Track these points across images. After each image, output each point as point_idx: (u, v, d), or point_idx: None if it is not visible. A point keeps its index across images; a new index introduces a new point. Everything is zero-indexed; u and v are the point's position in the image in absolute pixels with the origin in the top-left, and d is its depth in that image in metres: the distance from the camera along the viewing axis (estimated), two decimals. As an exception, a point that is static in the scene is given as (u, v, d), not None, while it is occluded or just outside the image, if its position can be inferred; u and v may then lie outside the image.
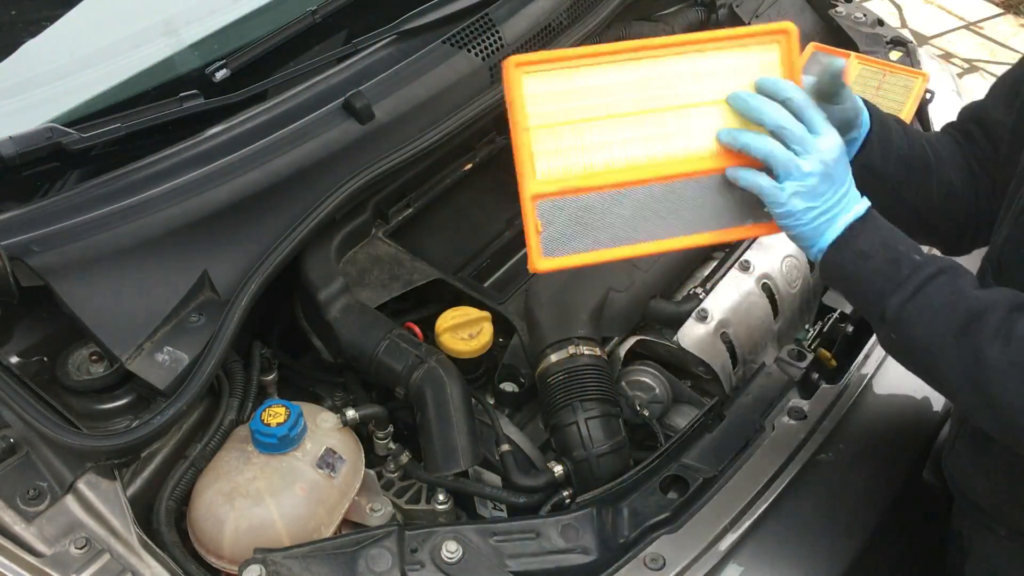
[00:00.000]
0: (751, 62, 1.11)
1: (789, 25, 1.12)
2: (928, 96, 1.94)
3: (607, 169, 1.08)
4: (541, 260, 1.08)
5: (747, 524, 1.27)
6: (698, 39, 1.09)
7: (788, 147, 1.06)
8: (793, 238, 1.09)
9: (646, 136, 1.09)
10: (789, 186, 1.05)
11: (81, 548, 1.14)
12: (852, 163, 1.12)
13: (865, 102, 1.22)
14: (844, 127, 1.17)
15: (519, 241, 1.68)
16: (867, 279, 1.06)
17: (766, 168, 1.07)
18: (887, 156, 1.22)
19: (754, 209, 1.11)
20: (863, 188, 1.11)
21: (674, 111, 1.09)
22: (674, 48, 1.09)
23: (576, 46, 1.36)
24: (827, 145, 1.06)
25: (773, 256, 1.58)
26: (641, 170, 1.09)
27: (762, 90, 1.08)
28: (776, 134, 1.06)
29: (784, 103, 1.07)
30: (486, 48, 1.63)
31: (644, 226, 1.10)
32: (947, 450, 1.33)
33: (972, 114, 1.31)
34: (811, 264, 1.65)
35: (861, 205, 1.07)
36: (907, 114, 1.83)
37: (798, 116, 1.07)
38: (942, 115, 1.96)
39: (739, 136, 1.07)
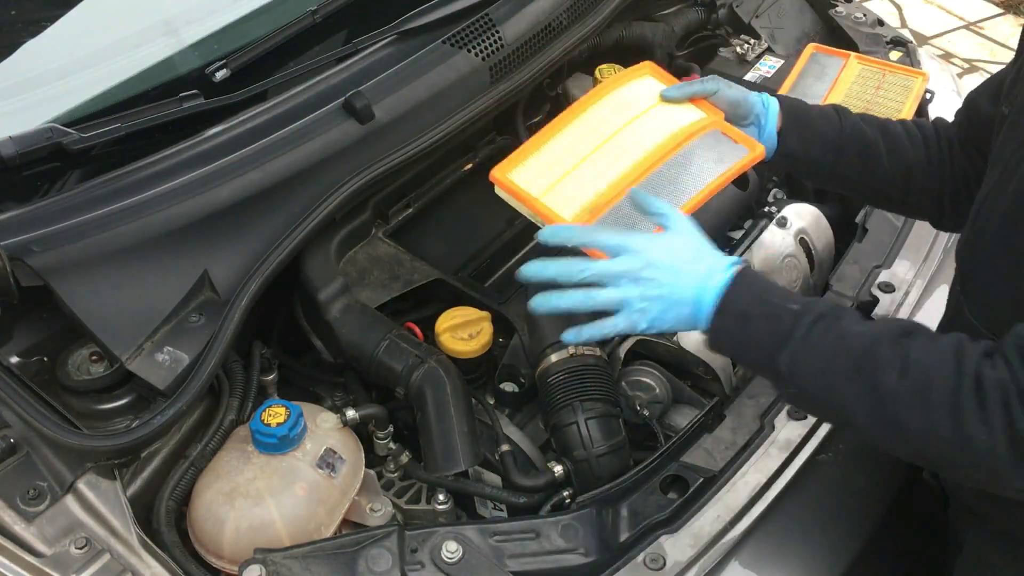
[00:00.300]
0: (638, 83, 1.43)
1: (645, 63, 1.45)
2: (928, 96, 1.94)
3: (609, 186, 1.27)
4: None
5: (747, 524, 1.27)
6: (603, 88, 1.42)
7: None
8: (674, 330, 1.13)
9: (618, 154, 1.31)
10: (631, 312, 1.09)
11: (81, 548, 1.14)
12: (775, 153, 1.36)
13: (788, 102, 1.38)
14: (735, 119, 1.36)
15: (519, 241, 1.69)
16: (753, 342, 1.07)
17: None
18: (807, 143, 1.36)
19: (722, 157, 1.32)
20: (796, 172, 1.24)
21: (625, 129, 1.35)
22: (593, 100, 1.39)
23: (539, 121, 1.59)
24: (639, 259, 1.10)
25: (772, 256, 1.58)
26: (629, 174, 1.28)
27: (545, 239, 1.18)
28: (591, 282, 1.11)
29: (586, 245, 1.15)
30: (486, 48, 1.63)
31: (673, 197, 1.27)
32: None
33: (966, 101, 1.37)
34: (811, 263, 1.65)
35: (723, 273, 1.08)
36: (907, 114, 1.84)
37: (607, 250, 1.12)
38: (942, 115, 1.96)
39: (581, 332, 1.14)
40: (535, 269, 1.13)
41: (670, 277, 1.09)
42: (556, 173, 1.30)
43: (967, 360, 0.98)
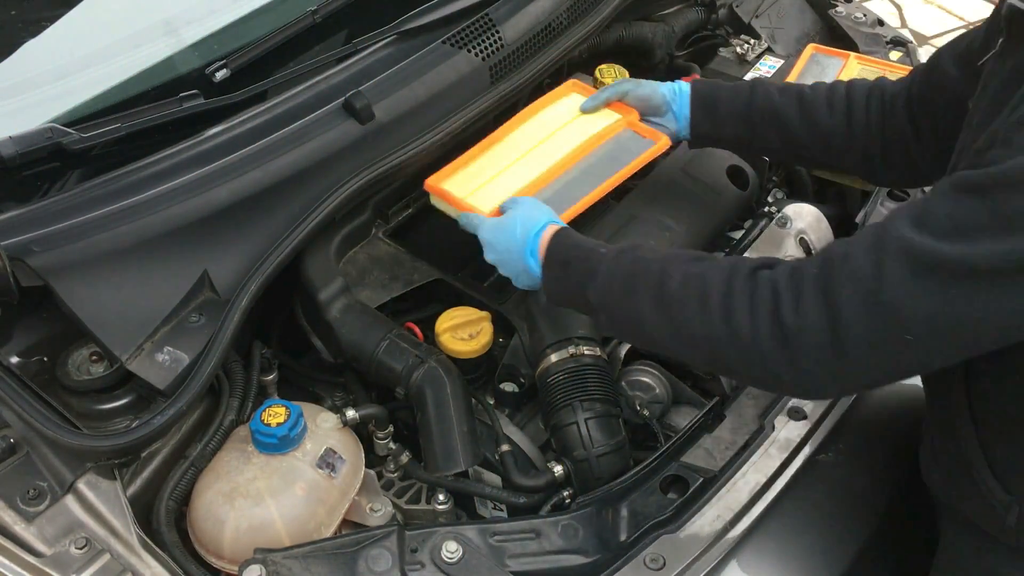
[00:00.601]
0: (564, 100, 1.66)
1: (570, 80, 1.69)
2: (928, 96, 1.94)
3: (525, 186, 1.47)
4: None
5: (747, 524, 1.27)
6: (532, 107, 1.63)
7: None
8: (517, 277, 1.33)
9: (537, 161, 1.53)
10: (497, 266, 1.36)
11: (81, 548, 1.14)
12: (691, 136, 1.55)
13: (698, 86, 1.53)
14: (651, 112, 1.57)
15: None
16: (572, 282, 1.23)
17: None
18: (718, 122, 1.52)
19: (628, 152, 1.53)
20: (721, 147, 1.57)
21: (547, 140, 1.57)
22: (522, 119, 1.61)
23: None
24: (485, 230, 1.36)
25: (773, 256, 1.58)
26: (545, 176, 1.49)
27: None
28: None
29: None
30: (486, 48, 1.63)
31: (579, 189, 1.48)
32: (921, 449, 1.34)
33: (931, 58, 1.40)
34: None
35: (537, 234, 1.29)
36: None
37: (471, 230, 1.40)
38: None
39: None
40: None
41: (502, 247, 1.32)
42: (482, 179, 1.49)
43: (743, 265, 1.10)
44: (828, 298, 1.01)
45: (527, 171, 1.51)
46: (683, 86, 1.53)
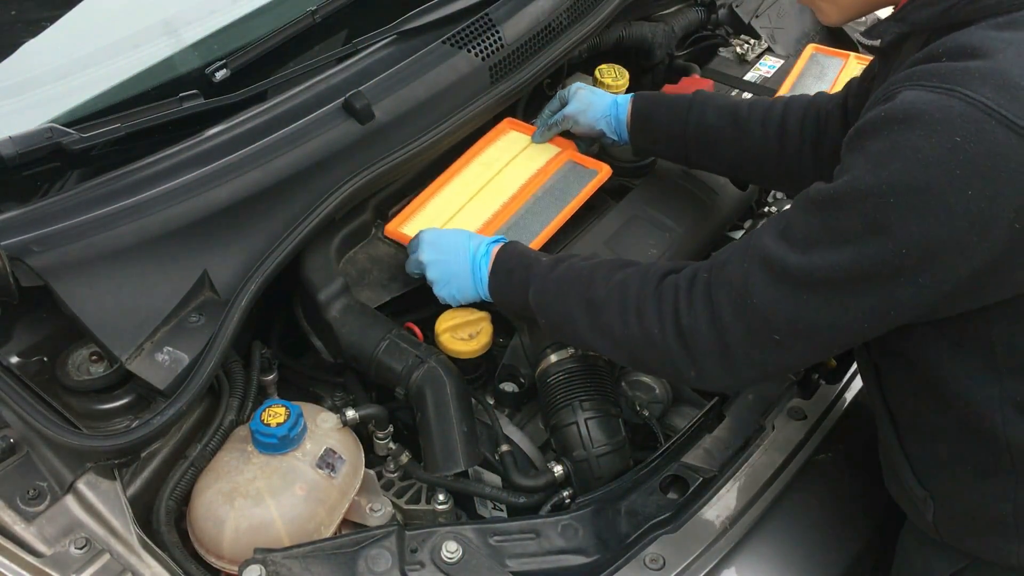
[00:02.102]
0: (503, 138, 1.73)
1: (505, 120, 1.75)
2: (928, 96, 1.94)
3: (482, 226, 1.55)
4: None
5: (747, 524, 1.27)
6: (475, 148, 1.70)
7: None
8: (461, 297, 1.41)
9: (489, 200, 1.61)
10: (438, 287, 1.43)
11: (81, 548, 1.14)
12: (632, 151, 1.66)
13: (637, 103, 1.60)
14: (596, 135, 1.66)
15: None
16: (514, 288, 1.34)
17: None
18: (653, 139, 1.60)
19: (574, 184, 1.62)
20: (667, 157, 1.62)
21: (494, 179, 1.64)
22: (467, 160, 1.67)
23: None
24: (423, 250, 1.43)
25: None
26: (499, 214, 1.58)
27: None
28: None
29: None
30: (486, 48, 1.63)
31: (535, 224, 1.55)
32: None
33: (867, 68, 1.42)
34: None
35: (492, 246, 1.39)
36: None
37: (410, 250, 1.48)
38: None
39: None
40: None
41: (450, 257, 1.40)
42: (439, 221, 1.57)
43: (654, 272, 1.20)
44: (711, 301, 1.11)
45: (482, 210, 1.59)
46: (624, 104, 1.61)
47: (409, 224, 1.58)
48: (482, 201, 1.61)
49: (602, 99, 1.63)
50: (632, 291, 1.19)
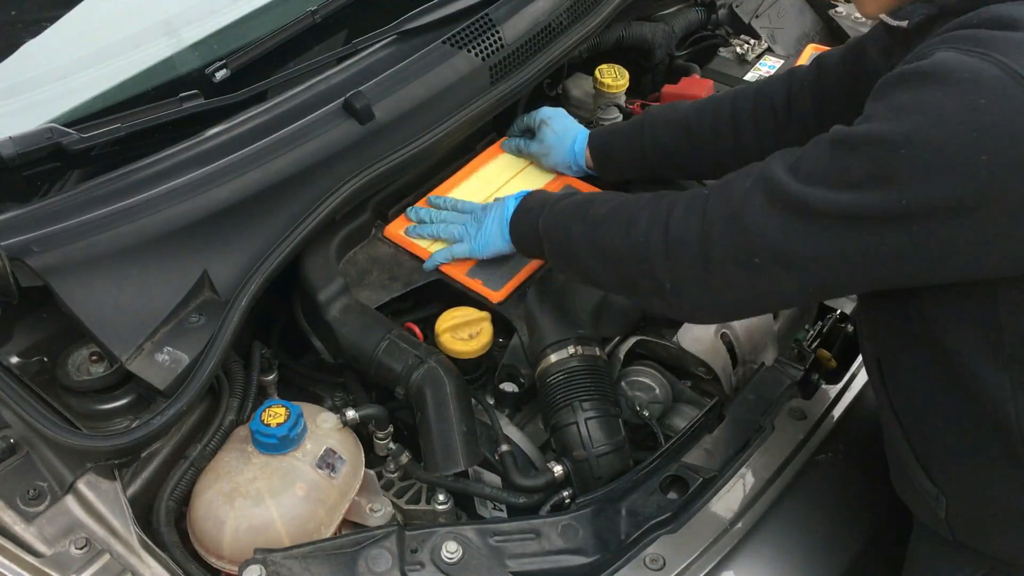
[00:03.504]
0: (498, 159, 1.78)
1: (499, 142, 1.80)
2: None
3: None
4: (497, 295, 1.50)
5: (747, 524, 1.27)
6: (470, 166, 1.74)
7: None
8: (487, 251, 1.50)
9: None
10: (465, 241, 1.52)
11: (81, 548, 1.14)
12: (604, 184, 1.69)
13: (593, 141, 1.66)
14: (563, 168, 1.71)
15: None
16: (529, 221, 1.40)
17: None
18: (619, 169, 1.66)
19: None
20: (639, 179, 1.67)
21: (505, 185, 1.70)
22: (463, 176, 1.72)
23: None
24: (462, 205, 1.58)
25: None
26: None
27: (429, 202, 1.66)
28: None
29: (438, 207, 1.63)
30: (486, 48, 1.63)
31: None
32: None
33: (848, 46, 1.46)
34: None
35: (514, 197, 1.47)
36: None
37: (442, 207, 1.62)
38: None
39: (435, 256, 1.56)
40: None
41: (488, 212, 1.50)
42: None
43: (662, 192, 1.23)
44: (705, 215, 1.12)
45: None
46: (582, 143, 1.67)
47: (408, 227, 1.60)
48: None
49: (562, 142, 1.68)
50: (630, 203, 1.24)
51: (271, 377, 1.46)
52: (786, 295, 1.16)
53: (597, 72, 1.88)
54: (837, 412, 1.43)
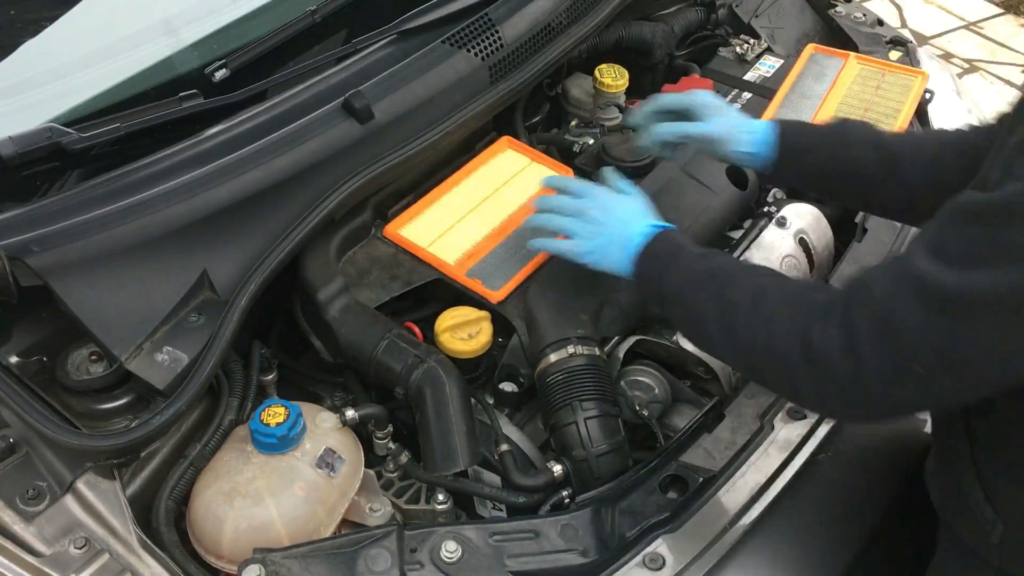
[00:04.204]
0: (501, 156, 1.74)
1: (503, 138, 1.76)
2: (928, 96, 1.94)
3: (483, 239, 1.58)
4: (497, 295, 1.49)
5: (747, 524, 1.27)
6: (474, 162, 1.71)
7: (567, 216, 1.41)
8: (598, 264, 1.35)
9: (489, 214, 1.62)
10: (577, 242, 1.37)
11: (80, 548, 1.14)
12: (770, 178, 1.54)
13: (787, 133, 1.43)
14: (708, 148, 1.48)
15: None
16: (656, 272, 1.27)
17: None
18: (801, 172, 1.45)
19: None
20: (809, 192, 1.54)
21: (494, 194, 1.66)
22: (467, 172, 1.69)
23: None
24: (591, 204, 1.38)
25: (773, 256, 1.58)
26: (498, 230, 1.59)
27: (546, 183, 1.55)
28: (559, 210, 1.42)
29: (561, 189, 1.47)
30: (486, 48, 1.63)
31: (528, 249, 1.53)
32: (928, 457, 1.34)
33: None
34: (810, 263, 1.65)
35: (648, 228, 1.31)
36: (906, 114, 1.84)
37: (567, 191, 1.45)
38: (942, 115, 1.96)
39: (538, 227, 1.45)
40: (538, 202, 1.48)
41: (612, 224, 1.34)
42: (439, 229, 1.59)
43: (797, 283, 1.15)
44: (849, 324, 1.00)
45: (480, 224, 1.60)
46: (766, 135, 1.44)
47: (408, 228, 1.59)
48: (480, 216, 1.62)
49: (738, 128, 1.45)
50: (768, 296, 1.11)
51: (271, 377, 1.46)
52: (954, 399, 1.05)
53: (597, 72, 1.88)
54: (837, 412, 1.42)
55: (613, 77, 1.86)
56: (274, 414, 1.26)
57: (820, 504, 1.34)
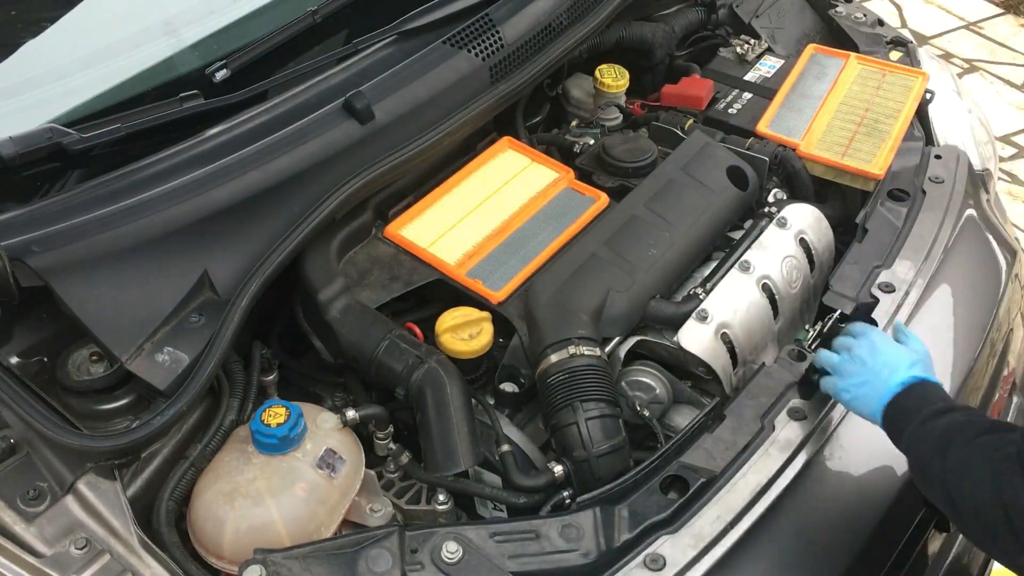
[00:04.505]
0: (501, 156, 1.75)
1: (504, 139, 1.77)
2: (928, 96, 1.94)
3: (483, 239, 1.58)
4: (498, 295, 1.49)
5: (747, 524, 1.27)
6: (475, 163, 1.72)
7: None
8: (849, 404, 1.36)
9: (489, 215, 1.63)
10: (834, 380, 1.38)
11: (81, 548, 1.14)
12: None
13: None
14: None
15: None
16: (901, 423, 1.28)
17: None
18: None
19: (576, 206, 1.66)
20: None
21: (494, 195, 1.66)
22: (467, 172, 1.69)
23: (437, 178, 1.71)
24: (862, 344, 1.38)
25: (773, 256, 1.58)
26: (499, 230, 1.60)
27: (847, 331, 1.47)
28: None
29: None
30: (486, 48, 1.63)
31: (531, 244, 1.58)
32: None
33: None
34: (811, 264, 1.65)
35: (902, 379, 1.32)
36: (907, 114, 1.84)
37: (848, 332, 1.45)
38: (942, 115, 1.96)
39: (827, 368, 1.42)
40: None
41: (874, 368, 1.34)
42: (439, 229, 1.60)
43: (1007, 438, 1.14)
44: None
45: (480, 225, 1.61)
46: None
47: (408, 228, 1.59)
48: (481, 217, 1.62)
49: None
50: (977, 459, 1.15)
51: (271, 377, 1.46)
52: None
53: (597, 72, 1.88)
54: (837, 412, 1.43)
55: (614, 77, 1.86)
56: (275, 415, 1.26)
57: (820, 505, 1.34)
